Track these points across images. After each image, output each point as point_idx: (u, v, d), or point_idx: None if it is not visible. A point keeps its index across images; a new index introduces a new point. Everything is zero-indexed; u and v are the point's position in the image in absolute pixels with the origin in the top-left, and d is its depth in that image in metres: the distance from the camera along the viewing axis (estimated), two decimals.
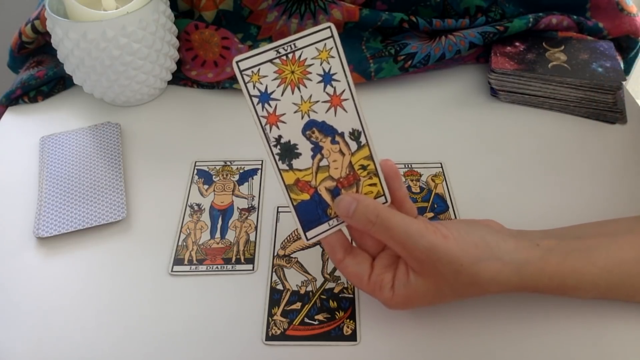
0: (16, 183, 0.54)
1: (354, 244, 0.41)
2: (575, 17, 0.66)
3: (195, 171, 0.55)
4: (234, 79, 0.64)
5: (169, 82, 0.66)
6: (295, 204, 0.37)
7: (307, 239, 0.38)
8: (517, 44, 0.64)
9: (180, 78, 0.66)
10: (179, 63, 0.66)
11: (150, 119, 0.62)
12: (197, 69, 0.66)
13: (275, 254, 0.47)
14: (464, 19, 0.66)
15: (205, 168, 0.55)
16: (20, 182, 0.54)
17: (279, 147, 0.35)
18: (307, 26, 0.40)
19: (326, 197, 0.37)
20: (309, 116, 0.35)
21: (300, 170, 0.36)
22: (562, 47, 0.63)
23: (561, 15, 0.65)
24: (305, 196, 0.37)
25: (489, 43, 0.64)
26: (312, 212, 0.37)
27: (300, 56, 0.34)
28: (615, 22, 0.66)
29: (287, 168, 0.36)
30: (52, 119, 0.62)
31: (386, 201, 0.39)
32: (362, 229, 0.37)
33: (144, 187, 0.53)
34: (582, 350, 0.39)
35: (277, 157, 0.36)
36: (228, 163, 0.55)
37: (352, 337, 0.40)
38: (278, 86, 0.34)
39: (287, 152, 0.36)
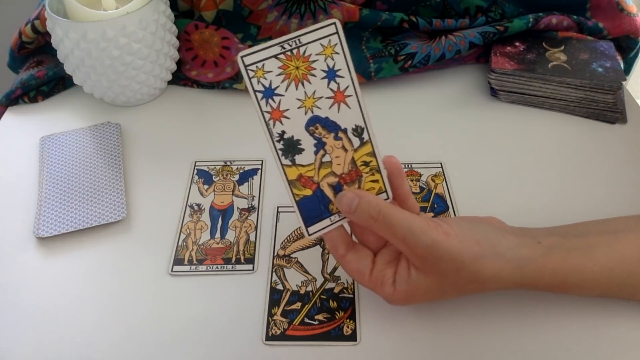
0: (16, 183, 0.54)
1: (355, 239, 0.41)
2: (575, 17, 0.66)
3: (195, 171, 0.55)
4: (234, 79, 0.64)
5: (169, 82, 0.66)
6: (297, 199, 0.37)
7: (309, 234, 0.38)
8: (517, 44, 0.64)
9: (180, 78, 0.66)
10: (179, 63, 0.66)
11: (150, 119, 0.62)
12: (197, 69, 0.66)
13: (275, 254, 0.47)
14: (464, 19, 0.66)
15: (205, 168, 0.55)
16: (20, 182, 0.54)
17: (282, 142, 0.35)
18: (307, 26, 0.40)
19: (328, 192, 0.37)
20: (312, 112, 0.35)
21: (303, 165, 0.36)
22: (562, 47, 0.63)
23: (561, 15, 0.65)
24: (308, 192, 0.37)
25: (489, 43, 0.64)
26: (314, 208, 0.37)
27: (304, 52, 0.34)
28: (615, 22, 0.66)
29: (290, 163, 0.36)
30: (52, 119, 0.62)
31: (388, 197, 0.39)
32: (364, 225, 0.37)
33: (144, 187, 0.53)
34: (582, 347, 0.39)
35: (280, 153, 0.36)
36: (228, 163, 0.55)
37: (352, 337, 0.40)
38: (282, 82, 0.34)
39: (290, 147, 0.36)
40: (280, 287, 0.44)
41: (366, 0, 0.66)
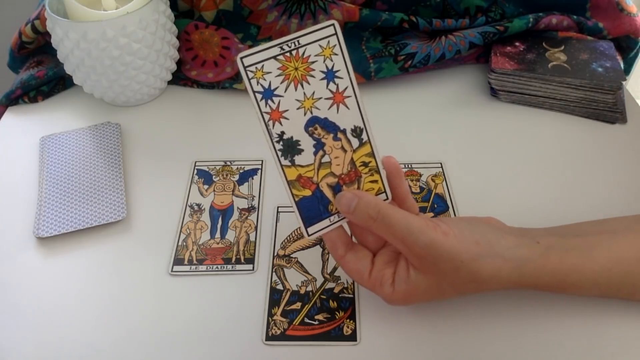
0: (16, 183, 0.54)
1: (354, 240, 0.41)
2: (575, 17, 0.66)
3: (195, 171, 0.55)
4: (234, 79, 0.64)
5: (169, 82, 0.66)
6: (297, 199, 0.37)
7: (309, 235, 0.38)
8: (517, 44, 0.64)
9: (180, 78, 0.66)
10: (179, 63, 0.66)
11: (150, 119, 0.62)
12: (197, 69, 0.66)
13: (275, 254, 0.47)
14: (464, 19, 0.66)
15: (205, 168, 0.55)
16: (20, 182, 0.54)
17: (281, 143, 0.36)
18: (307, 26, 0.40)
19: (328, 193, 0.38)
20: (311, 113, 0.36)
21: (302, 166, 0.36)
22: (562, 47, 0.63)
23: (561, 15, 0.65)
24: (307, 192, 0.37)
25: (489, 43, 0.64)
26: (313, 208, 0.37)
27: (303, 53, 0.34)
28: (615, 22, 0.66)
29: (289, 164, 0.36)
30: (52, 119, 0.62)
31: (387, 198, 0.39)
32: (363, 225, 0.37)
33: (144, 187, 0.53)
34: (582, 347, 0.39)
35: (279, 153, 0.36)
36: (228, 163, 0.55)
37: (352, 337, 0.40)
38: (281, 82, 0.34)
39: (290, 148, 0.36)
40: (280, 287, 0.44)
41: (366, 0, 0.66)
